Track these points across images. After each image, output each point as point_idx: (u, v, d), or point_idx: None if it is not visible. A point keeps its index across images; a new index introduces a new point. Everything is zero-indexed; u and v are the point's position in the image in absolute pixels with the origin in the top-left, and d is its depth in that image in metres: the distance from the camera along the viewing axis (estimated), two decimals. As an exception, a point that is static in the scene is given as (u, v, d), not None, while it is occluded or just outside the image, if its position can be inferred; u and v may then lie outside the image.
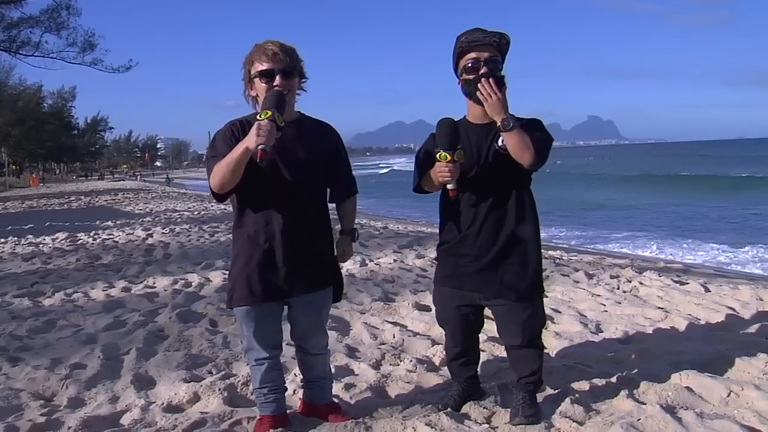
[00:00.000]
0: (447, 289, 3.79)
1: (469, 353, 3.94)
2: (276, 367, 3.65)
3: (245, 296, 3.46)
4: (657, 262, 10.87)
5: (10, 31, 37.18)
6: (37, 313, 6.91)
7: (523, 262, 3.61)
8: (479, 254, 3.61)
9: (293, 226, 3.44)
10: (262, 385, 3.60)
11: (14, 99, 71.28)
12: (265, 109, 3.19)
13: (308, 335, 3.70)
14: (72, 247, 12.62)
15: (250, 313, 3.49)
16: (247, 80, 3.46)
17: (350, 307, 6.53)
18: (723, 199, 30.76)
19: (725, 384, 3.90)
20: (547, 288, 7.10)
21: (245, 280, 3.45)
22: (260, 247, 3.43)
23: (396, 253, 10.16)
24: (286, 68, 3.37)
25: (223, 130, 3.47)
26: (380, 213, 26.05)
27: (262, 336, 3.54)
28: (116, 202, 31.70)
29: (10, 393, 4.41)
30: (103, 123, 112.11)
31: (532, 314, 3.65)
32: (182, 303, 6.91)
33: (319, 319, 3.70)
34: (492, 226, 3.58)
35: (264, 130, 3.13)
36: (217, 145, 3.41)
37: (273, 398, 3.64)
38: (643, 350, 4.68)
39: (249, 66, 3.42)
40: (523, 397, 3.69)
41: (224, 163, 3.25)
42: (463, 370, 3.93)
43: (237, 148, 3.21)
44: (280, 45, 3.39)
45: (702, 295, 6.62)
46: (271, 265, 3.44)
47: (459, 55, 3.58)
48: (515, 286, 3.59)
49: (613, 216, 25.62)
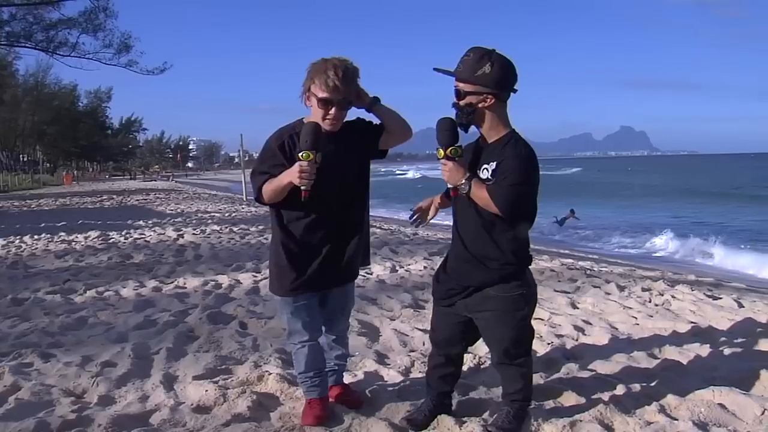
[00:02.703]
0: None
1: (450, 367, 3.84)
2: (318, 350, 3.88)
3: (286, 289, 3.72)
4: (688, 275, 10.74)
5: (48, 32, 37.81)
6: (69, 310, 6.98)
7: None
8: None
9: (335, 226, 3.68)
10: (308, 369, 3.83)
11: (50, 98, 72.42)
12: (306, 150, 3.35)
13: (333, 318, 3.98)
14: (104, 246, 12.74)
15: (290, 301, 3.74)
16: (306, 90, 3.56)
17: (380, 313, 6.53)
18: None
19: (759, 402, 3.84)
20: (577, 299, 7.08)
21: (287, 274, 3.69)
22: (303, 245, 3.67)
23: (426, 260, 10.12)
24: (343, 101, 3.50)
25: (274, 143, 3.60)
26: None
27: (303, 320, 3.77)
28: (148, 202, 31.98)
29: (42, 388, 4.45)
30: (137, 124, 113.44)
31: (512, 329, 3.53)
32: (212, 304, 6.95)
33: (345, 301, 3.99)
34: (475, 242, 3.53)
35: (306, 173, 3.35)
36: (268, 159, 3.60)
37: (319, 381, 3.87)
38: (675, 365, 4.62)
39: (310, 82, 3.51)
40: (507, 411, 3.65)
41: (272, 188, 3.52)
42: (441, 383, 3.85)
43: (283, 178, 3.46)
44: (343, 74, 3.43)
45: (735, 311, 6.52)
46: (310, 263, 3.68)
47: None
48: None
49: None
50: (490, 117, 3.44)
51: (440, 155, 3.46)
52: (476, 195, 3.36)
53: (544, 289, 7.70)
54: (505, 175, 3.32)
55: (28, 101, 67.37)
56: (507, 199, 3.28)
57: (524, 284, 3.54)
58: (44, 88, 70.55)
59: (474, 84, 3.38)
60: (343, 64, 3.45)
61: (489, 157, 3.43)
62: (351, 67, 3.49)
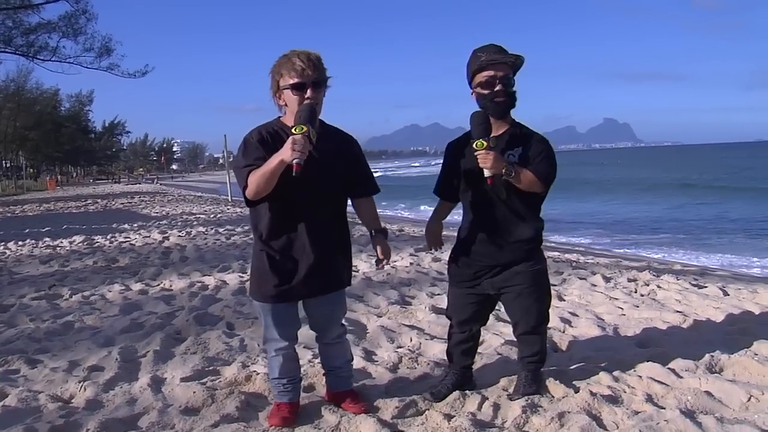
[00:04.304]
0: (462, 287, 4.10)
1: (470, 341, 4.18)
2: (293, 357, 3.92)
3: (264, 295, 3.71)
4: (674, 265, 10.80)
5: (28, 36, 37.52)
6: (55, 315, 6.95)
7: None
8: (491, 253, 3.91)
9: (315, 233, 3.66)
10: (281, 376, 3.86)
11: (32, 103, 71.81)
12: (299, 124, 3.32)
13: (323, 327, 3.97)
14: (89, 250, 12.67)
15: (269, 308, 3.74)
16: (275, 90, 3.60)
17: (367, 310, 6.53)
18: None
19: (745, 389, 3.87)
20: (564, 291, 7.11)
21: (267, 280, 3.67)
22: (282, 252, 3.66)
23: (412, 256, 10.14)
24: (316, 80, 3.52)
25: (254, 138, 3.60)
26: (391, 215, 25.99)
27: (281, 328, 3.78)
28: (133, 205, 31.83)
29: (29, 395, 4.42)
30: (120, 127, 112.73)
31: (535, 301, 3.96)
32: (199, 306, 6.94)
33: (332, 311, 3.93)
34: (502, 226, 3.87)
35: (299, 144, 3.28)
36: (251, 153, 3.56)
37: (291, 388, 3.90)
38: (661, 354, 4.64)
39: (278, 77, 3.55)
40: (525, 376, 4.02)
41: (260, 173, 3.43)
42: (463, 358, 4.18)
43: (272, 160, 3.39)
44: (308, 57, 3.50)
45: (720, 299, 6.57)
46: (291, 271, 3.66)
47: (476, 70, 3.78)
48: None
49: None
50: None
51: (481, 146, 3.59)
52: (523, 176, 3.64)
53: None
54: (542, 155, 3.77)
55: (10, 107, 66.83)
56: (549, 175, 3.75)
57: (543, 260, 4.04)
58: (25, 93, 70.02)
59: (515, 73, 3.81)
60: (304, 51, 3.53)
61: (509, 144, 3.79)
62: (313, 52, 3.55)
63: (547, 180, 3.73)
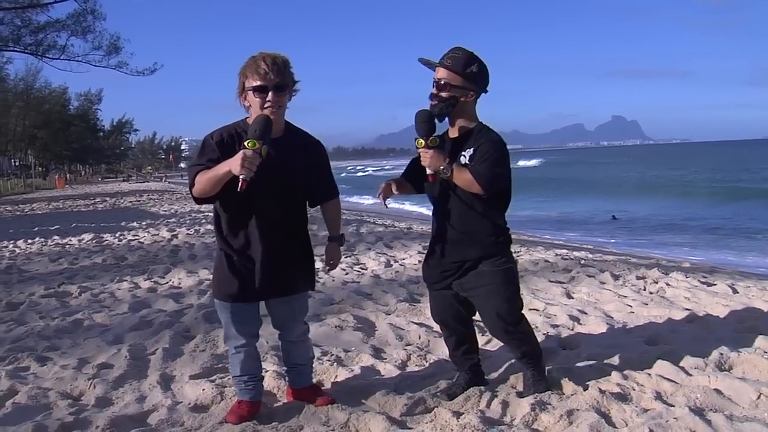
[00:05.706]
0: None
1: (466, 342, 4.15)
2: (254, 355, 3.95)
3: (224, 294, 3.76)
4: (682, 263, 10.76)
5: (37, 35, 37.68)
6: (65, 313, 6.97)
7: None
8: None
9: (272, 236, 3.69)
10: (242, 373, 3.88)
11: (40, 101, 72.11)
12: (252, 138, 3.33)
13: (284, 325, 4.01)
14: (98, 248, 12.72)
15: (228, 306, 3.77)
16: (240, 90, 3.64)
17: (375, 308, 6.54)
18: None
19: (755, 387, 3.84)
20: (572, 289, 7.10)
21: (226, 279, 3.72)
22: (240, 252, 3.70)
23: (420, 254, 10.12)
24: (278, 84, 3.53)
25: (214, 138, 3.64)
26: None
27: (240, 325, 3.81)
28: (141, 203, 31.89)
29: (39, 392, 4.44)
30: (129, 125, 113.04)
31: (505, 301, 3.85)
32: (208, 303, 6.93)
33: (292, 312, 3.97)
34: (460, 221, 3.84)
35: (249, 161, 3.31)
36: (205, 154, 3.60)
37: (252, 386, 3.91)
38: (670, 352, 4.63)
39: (243, 78, 3.59)
40: (531, 374, 4.01)
41: (206, 177, 3.48)
42: (466, 359, 4.15)
43: (221, 167, 3.42)
44: (272, 61, 3.52)
45: (730, 296, 6.55)
46: (249, 272, 3.69)
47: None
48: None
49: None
50: (467, 111, 3.83)
51: (421, 145, 3.68)
52: (459, 177, 3.63)
53: (539, 280, 7.73)
54: (484, 157, 3.66)
55: (19, 105, 67.07)
56: (488, 178, 3.61)
57: (511, 260, 3.94)
58: (34, 92, 70.26)
59: (463, 79, 3.74)
60: (271, 54, 3.55)
61: (464, 145, 3.78)
62: (280, 56, 3.57)
63: (488, 182, 3.61)
